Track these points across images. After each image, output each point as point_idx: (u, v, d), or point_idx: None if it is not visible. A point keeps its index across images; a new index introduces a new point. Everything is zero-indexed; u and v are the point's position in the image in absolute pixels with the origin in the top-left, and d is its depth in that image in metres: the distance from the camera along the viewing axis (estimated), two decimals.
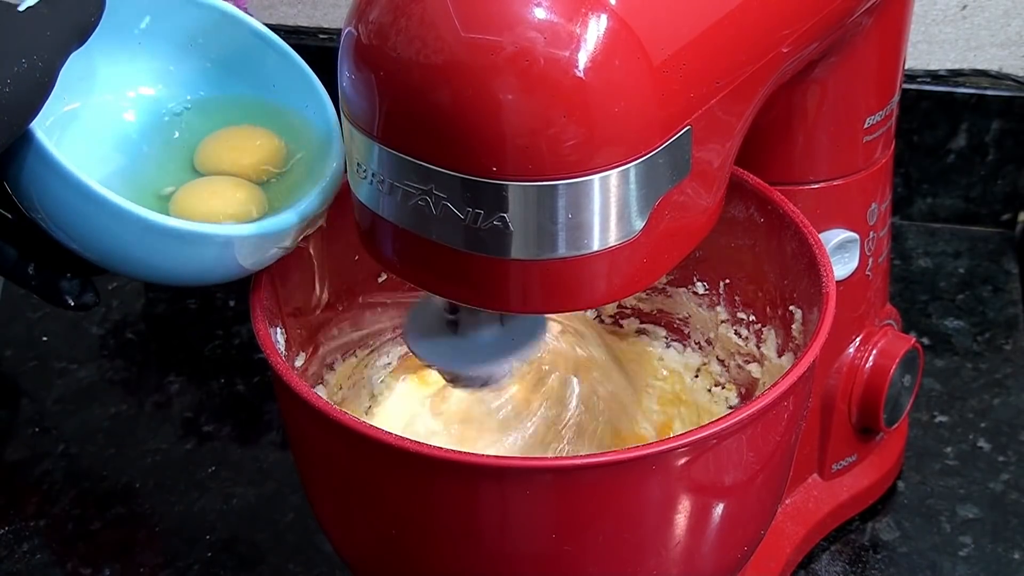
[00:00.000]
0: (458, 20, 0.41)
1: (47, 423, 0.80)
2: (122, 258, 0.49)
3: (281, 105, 0.56)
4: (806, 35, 0.50)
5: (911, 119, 0.90)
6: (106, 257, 0.49)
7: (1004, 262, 0.92)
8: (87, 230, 0.48)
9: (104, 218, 0.47)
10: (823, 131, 0.60)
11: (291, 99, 0.56)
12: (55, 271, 0.52)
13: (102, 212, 0.47)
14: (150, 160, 0.54)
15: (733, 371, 0.64)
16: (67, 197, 0.47)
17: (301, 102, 0.56)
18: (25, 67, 0.44)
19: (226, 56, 0.56)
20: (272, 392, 0.80)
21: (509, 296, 0.46)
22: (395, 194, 0.45)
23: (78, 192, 0.47)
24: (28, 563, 0.70)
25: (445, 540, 0.49)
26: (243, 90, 0.57)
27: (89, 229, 0.48)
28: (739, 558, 0.53)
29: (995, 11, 0.88)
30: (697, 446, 0.46)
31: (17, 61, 0.44)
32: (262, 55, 0.56)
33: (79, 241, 0.48)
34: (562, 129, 0.41)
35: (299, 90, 0.56)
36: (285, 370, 0.49)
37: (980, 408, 0.78)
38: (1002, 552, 0.68)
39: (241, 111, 0.56)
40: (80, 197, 0.47)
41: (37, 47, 0.45)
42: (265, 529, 0.71)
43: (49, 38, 0.45)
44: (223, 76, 0.56)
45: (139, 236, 0.48)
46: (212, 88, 0.57)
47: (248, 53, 0.56)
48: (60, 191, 0.47)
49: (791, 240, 0.55)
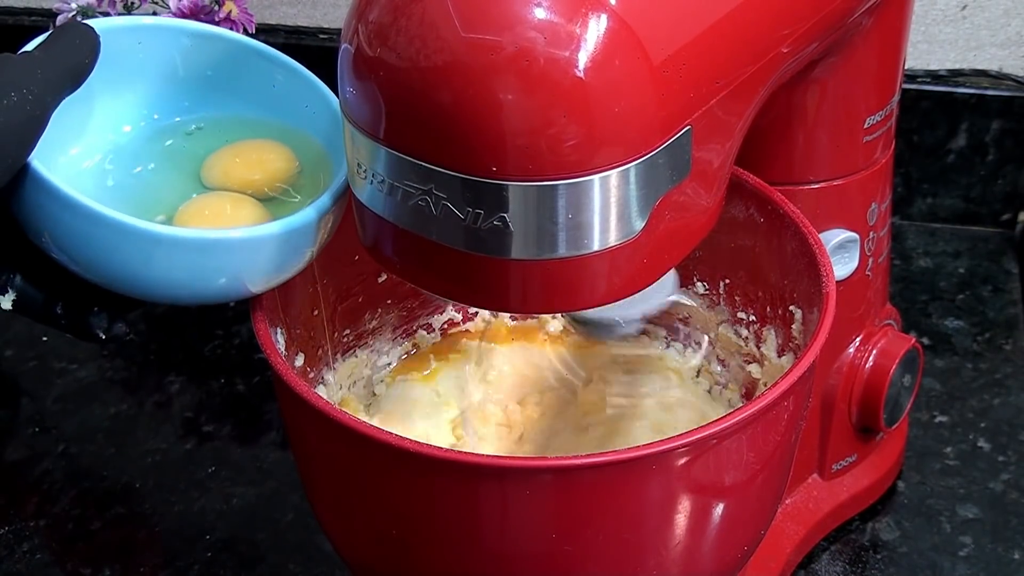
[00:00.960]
0: (458, 20, 0.41)
1: (47, 423, 0.80)
2: (132, 279, 0.48)
3: (289, 124, 0.55)
4: (806, 35, 0.50)
5: (911, 119, 0.91)
6: (118, 281, 0.49)
7: (1004, 262, 0.92)
8: (94, 253, 0.48)
9: (110, 238, 0.47)
10: (823, 131, 0.60)
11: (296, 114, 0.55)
12: (82, 307, 0.52)
13: (108, 232, 0.47)
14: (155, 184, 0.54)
15: (733, 371, 0.64)
16: (71, 222, 0.47)
17: (305, 113, 0.55)
18: (15, 100, 0.45)
19: (225, 77, 0.56)
20: (272, 392, 0.80)
21: (509, 296, 0.46)
22: (395, 194, 0.45)
23: (81, 215, 0.46)
24: (28, 563, 0.70)
25: (445, 540, 0.49)
26: (249, 110, 0.56)
27: (96, 252, 0.47)
28: (739, 558, 0.53)
29: (995, 11, 0.88)
30: (697, 446, 0.46)
31: (7, 95, 0.45)
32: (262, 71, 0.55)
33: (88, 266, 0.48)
34: (562, 129, 0.41)
35: (301, 99, 0.55)
36: (285, 370, 0.49)
37: (980, 408, 0.78)
38: (1002, 552, 0.68)
39: (249, 131, 0.56)
40: (83, 220, 0.47)
41: (28, 83, 0.46)
42: (265, 529, 0.71)
43: (40, 76, 0.47)
44: (226, 97, 0.56)
45: (147, 253, 0.47)
46: (217, 109, 0.56)
47: (247, 71, 0.56)
48: (64, 217, 0.47)
49: (791, 240, 0.55)
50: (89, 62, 0.49)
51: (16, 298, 0.51)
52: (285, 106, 0.55)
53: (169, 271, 0.48)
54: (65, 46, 0.49)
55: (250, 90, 0.56)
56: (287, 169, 0.54)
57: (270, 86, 0.56)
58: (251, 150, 0.55)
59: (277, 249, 0.50)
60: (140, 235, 0.47)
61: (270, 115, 0.56)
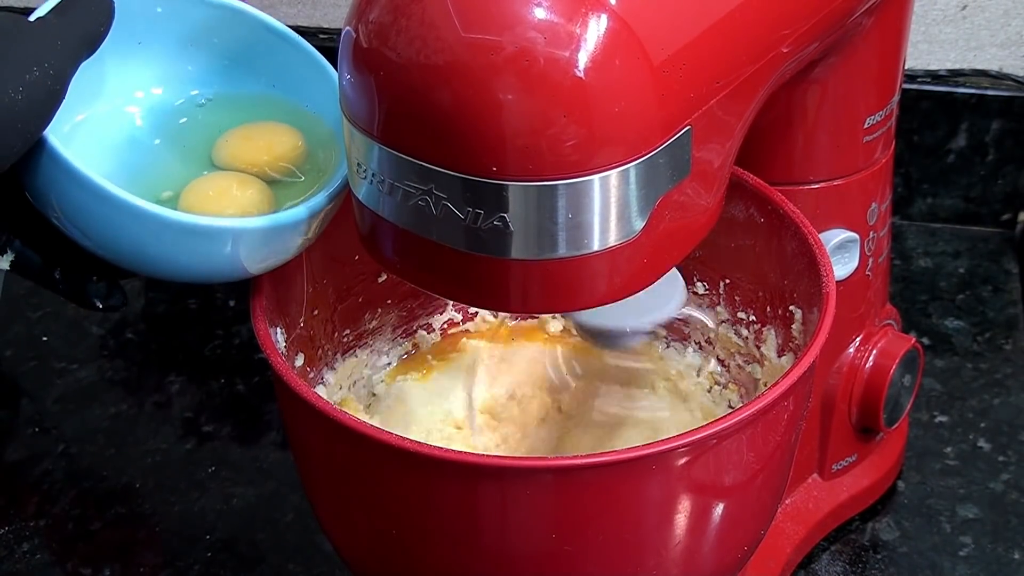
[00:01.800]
0: (458, 20, 0.41)
1: (47, 423, 0.80)
2: (137, 256, 0.49)
3: (299, 104, 0.56)
4: (806, 35, 0.50)
5: (911, 119, 0.90)
6: (123, 256, 0.50)
7: (1004, 262, 0.92)
8: (104, 230, 0.48)
9: (119, 217, 0.47)
10: (823, 131, 0.60)
11: (307, 95, 0.56)
12: (82, 275, 0.52)
13: (117, 212, 0.47)
14: (164, 159, 0.54)
15: (733, 371, 0.64)
16: (83, 199, 0.47)
17: (316, 96, 0.56)
18: (37, 75, 0.45)
19: (240, 52, 0.56)
20: (272, 392, 0.80)
21: (509, 296, 0.46)
22: (395, 194, 0.45)
23: (93, 194, 0.47)
24: (28, 563, 0.70)
25: (445, 540, 0.49)
26: (260, 87, 0.57)
27: (106, 229, 0.48)
28: (739, 558, 0.53)
29: (995, 11, 0.88)
30: (697, 446, 0.46)
31: (29, 70, 0.44)
32: (276, 50, 0.56)
33: (98, 242, 0.49)
34: (562, 129, 0.41)
35: (313, 81, 0.56)
36: (285, 370, 0.49)
37: (980, 408, 0.78)
38: (1002, 552, 0.68)
39: (260, 109, 0.56)
40: (95, 198, 0.47)
41: (48, 56, 0.45)
42: (265, 529, 0.71)
43: (60, 47, 0.46)
44: (239, 73, 0.57)
45: (154, 233, 0.48)
46: (228, 85, 0.57)
47: (262, 48, 0.56)
48: (76, 194, 0.47)
49: (791, 240, 0.55)
50: (104, 30, 0.49)
51: (15, 259, 0.52)
52: (298, 87, 0.56)
53: (162, 248, 0.49)
54: (81, 12, 0.48)
55: (265, 68, 0.57)
56: (293, 151, 0.55)
57: (284, 66, 0.56)
58: (259, 132, 0.55)
59: (268, 239, 0.51)
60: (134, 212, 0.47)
61: (283, 94, 0.57)
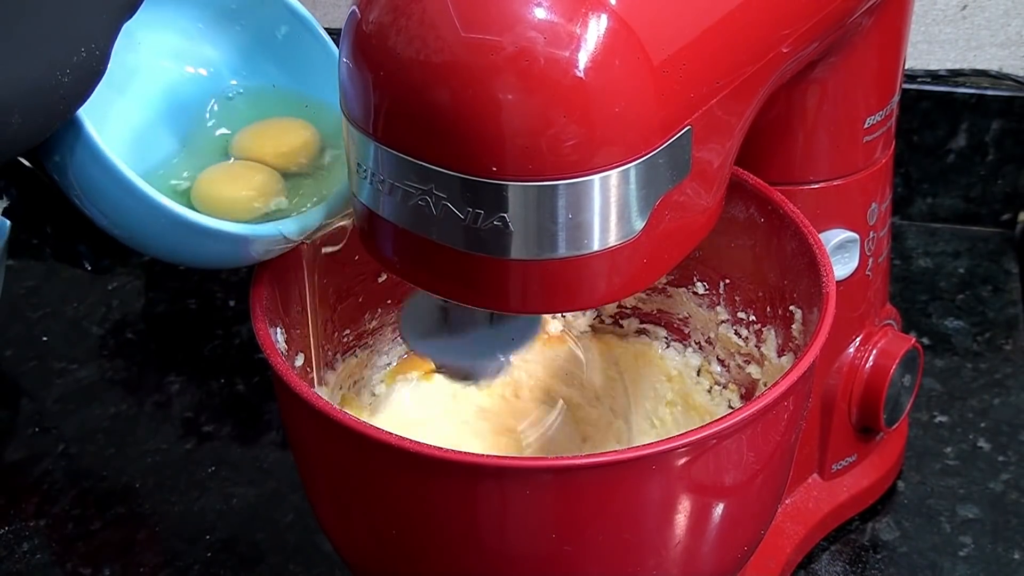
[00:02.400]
0: (458, 20, 0.41)
1: (47, 423, 0.80)
2: (150, 242, 0.51)
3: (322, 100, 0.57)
4: (806, 35, 0.50)
5: (911, 119, 0.90)
6: (135, 239, 0.51)
7: (1004, 262, 0.92)
8: (121, 215, 0.50)
9: (139, 207, 0.49)
10: (823, 131, 0.60)
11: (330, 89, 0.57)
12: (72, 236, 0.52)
13: (138, 203, 0.48)
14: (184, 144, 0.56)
15: (733, 371, 0.64)
16: (105, 183, 0.48)
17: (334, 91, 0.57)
18: (84, 55, 0.44)
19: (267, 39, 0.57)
20: (272, 392, 0.80)
21: (509, 296, 0.46)
22: (395, 194, 0.45)
23: (119, 184, 0.48)
24: (28, 563, 0.70)
25: (445, 540, 0.49)
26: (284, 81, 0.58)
27: (123, 214, 0.50)
28: (739, 558, 0.53)
29: (995, 11, 0.88)
30: (697, 446, 0.46)
31: (77, 50, 0.44)
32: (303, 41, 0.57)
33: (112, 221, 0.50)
34: (562, 129, 0.41)
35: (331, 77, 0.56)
36: (285, 370, 0.49)
37: (980, 408, 0.78)
38: (1002, 552, 0.68)
39: (283, 104, 0.58)
40: (119, 187, 0.48)
41: (96, 34, 0.45)
42: (265, 529, 0.71)
43: (105, 21, 0.45)
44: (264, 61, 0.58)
45: (168, 226, 0.49)
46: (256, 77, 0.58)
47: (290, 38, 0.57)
48: (101, 179, 0.48)
49: (791, 240, 0.55)
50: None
51: (8, 206, 0.52)
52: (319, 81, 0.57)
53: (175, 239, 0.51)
54: None
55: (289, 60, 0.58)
56: (307, 147, 0.56)
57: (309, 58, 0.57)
58: (274, 129, 0.57)
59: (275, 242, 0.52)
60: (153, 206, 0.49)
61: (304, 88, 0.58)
